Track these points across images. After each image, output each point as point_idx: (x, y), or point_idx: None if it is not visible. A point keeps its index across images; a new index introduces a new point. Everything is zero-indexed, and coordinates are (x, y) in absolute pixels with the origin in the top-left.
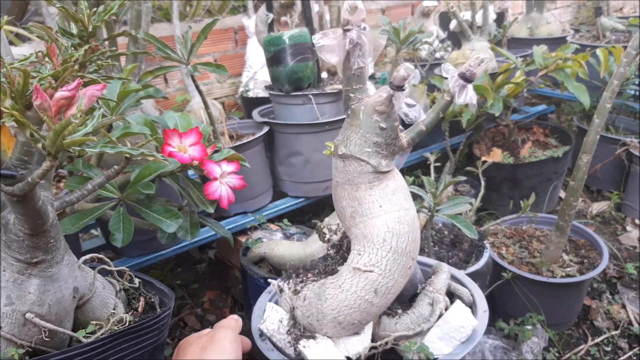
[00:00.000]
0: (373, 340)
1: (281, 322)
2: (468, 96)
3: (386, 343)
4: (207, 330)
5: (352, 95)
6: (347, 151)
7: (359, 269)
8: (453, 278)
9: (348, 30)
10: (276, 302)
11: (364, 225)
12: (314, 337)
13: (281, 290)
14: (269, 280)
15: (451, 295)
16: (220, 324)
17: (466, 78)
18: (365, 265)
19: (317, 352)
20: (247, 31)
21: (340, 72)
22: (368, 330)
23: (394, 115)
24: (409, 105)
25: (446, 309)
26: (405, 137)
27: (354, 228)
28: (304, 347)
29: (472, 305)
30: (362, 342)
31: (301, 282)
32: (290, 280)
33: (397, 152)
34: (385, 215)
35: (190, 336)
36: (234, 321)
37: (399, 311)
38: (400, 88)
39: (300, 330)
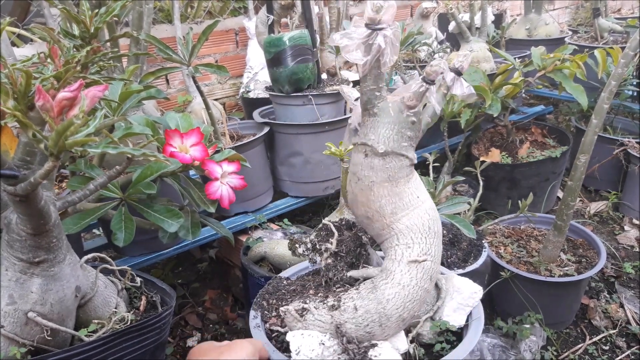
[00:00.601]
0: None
1: (323, 344)
2: (462, 88)
3: (417, 334)
4: (226, 342)
5: (377, 94)
6: (388, 148)
7: (416, 261)
8: None
9: (380, 29)
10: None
11: (408, 218)
12: (374, 345)
13: (304, 312)
14: (257, 321)
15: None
16: (240, 340)
17: (456, 71)
18: (419, 255)
19: (388, 357)
20: (247, 32)
21: (361, 72)
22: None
23: (420, 109)
24: (437, 98)
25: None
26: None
27: (397, 223)
28: (376, 356)
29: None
30: (404, 338)
31: (323, 298)
32: (308, 302)
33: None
34: (423, 204)
35: (205, 343)
36: (255, 340)
37: None
38: (433, 82)
39: (357, 343)
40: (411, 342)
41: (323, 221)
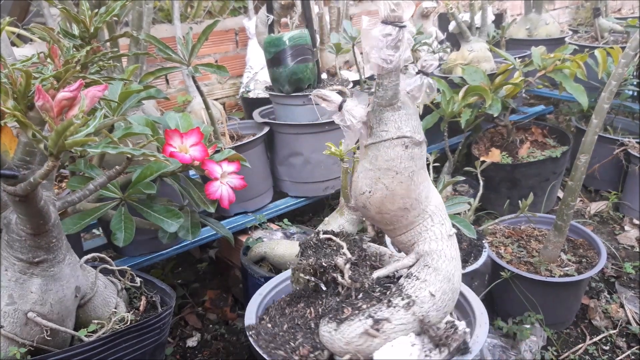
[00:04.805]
0: None
1: (414, 345)
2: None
3: None
4: None
5: (393, 92)
6: (422, 137)
7: (451, 235)
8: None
9: (403, 26)
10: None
11: (435, 198)
12: (453, 324)
13: (379, 324)
14: None
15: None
16: None
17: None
18: (449, 229)
19: (465, 328)
20: (247, 32)
21: (386, 68)
22: None
23: None
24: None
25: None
26: None
27: (430, 206)
28: (465, 330)
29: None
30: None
31: (388, 302)
32: (382, 307)
33: None
34: (431, 185)
35: None
36: None
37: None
38: (428, 75)
39: (439, 328)
40: None
41: (309, 240)
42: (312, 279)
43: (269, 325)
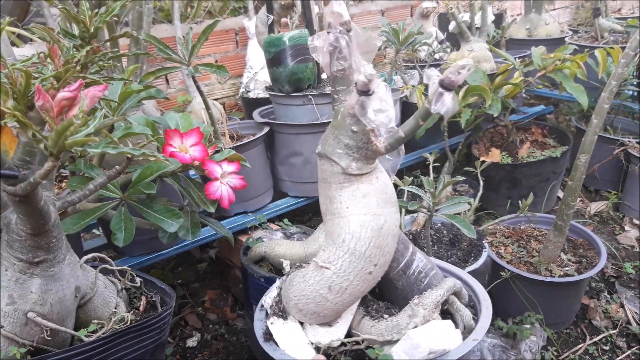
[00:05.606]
0: (349, 336)
1: (275, 298)
2: (445, 106)
3: (355, 342)
4: None
5: (335, 96)
6: (323, 150)
7: (317, 264)
8: (461, 281)
9: (329, 33)
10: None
11: (331, 224)
12: (285, 317)
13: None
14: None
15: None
16: None
17: (445, 86)
18: (323, 261)
19: (282, 331)
20: (247, 32)
21: (327, 73)
22: (342, 325)
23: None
24: (378, 111)
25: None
26: (383, 142)
27: (326, 224)
28: (272, 323)
29: (471, 330)
30: (329, 335)
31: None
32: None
33: (372, 157)
34: (349, 217)
35: None
36: None
37: (386, 316)
38: (364, 93)
39: (280, 308)
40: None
41: None
42: None
43: None
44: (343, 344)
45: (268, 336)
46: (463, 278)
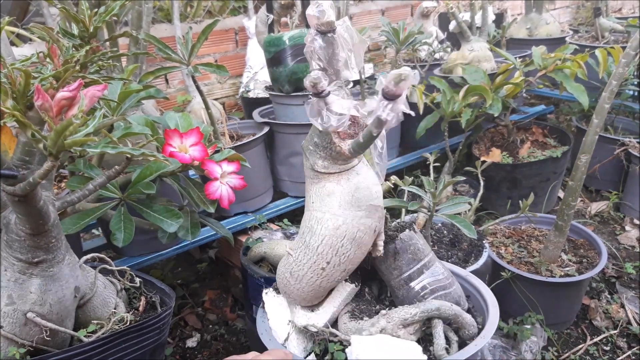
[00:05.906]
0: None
1: None
2: (392, 113)
3: (321, 332)
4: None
5: None
6: (303, 144)
7: (286, 251)
8: (461, 278)
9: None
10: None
11: (304, 215)
12: (278, 292)
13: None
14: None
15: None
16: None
17: (388, 97)
18: (290, 248)
19: (271, 302)
20: (247, 32)
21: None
22: (322, 314)
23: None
24: (333, 113)
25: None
26: (347, 145)
27: (305, 212)
28: (266, 293)
29: (473, 337)
30: (307, 319)
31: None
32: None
33: (338, 157)
34: (313, 212)
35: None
36: (282, 353)
37: (366, 318)
38: (317, 95)
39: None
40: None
41: None
42: None
43: None
44: (315, 332)
45: (263, 304)
46: (470, 281)
